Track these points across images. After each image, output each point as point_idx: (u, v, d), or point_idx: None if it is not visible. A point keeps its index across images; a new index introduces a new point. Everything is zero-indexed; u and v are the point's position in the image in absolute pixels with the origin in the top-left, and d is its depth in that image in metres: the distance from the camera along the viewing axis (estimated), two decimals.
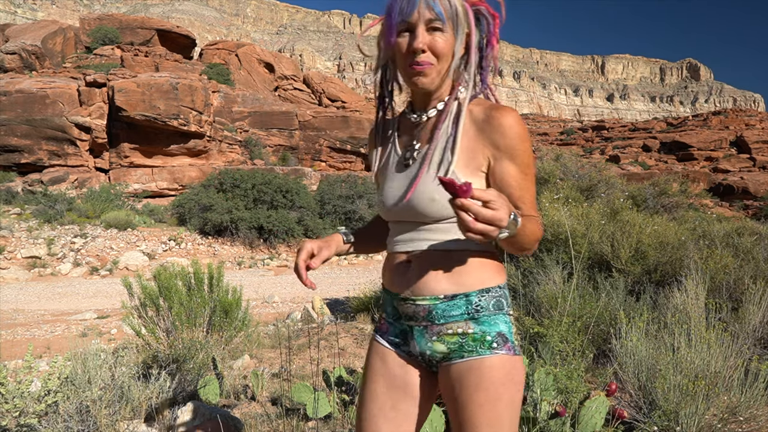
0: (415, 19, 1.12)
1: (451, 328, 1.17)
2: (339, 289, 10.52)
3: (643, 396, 2.54)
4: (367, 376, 1.30)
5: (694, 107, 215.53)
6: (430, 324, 1.19)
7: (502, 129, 1.14)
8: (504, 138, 1.14)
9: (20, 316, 8.79)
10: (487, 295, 1.17)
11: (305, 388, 2.68)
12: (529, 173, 1.17)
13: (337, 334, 4.90)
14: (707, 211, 24.06)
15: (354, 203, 20.50)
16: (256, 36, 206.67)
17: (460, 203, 0.92)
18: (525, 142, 1.15)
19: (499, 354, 1.15)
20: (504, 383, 1.14)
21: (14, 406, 2.48)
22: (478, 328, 1.16)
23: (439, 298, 1.18)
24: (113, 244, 15.34)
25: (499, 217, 0.94)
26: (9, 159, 23.12)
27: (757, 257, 4.13)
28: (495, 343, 1.15)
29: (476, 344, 1.15)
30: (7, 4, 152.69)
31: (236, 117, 30.18)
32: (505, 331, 1.17)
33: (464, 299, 1.16)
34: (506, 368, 1.15)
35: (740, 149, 60.05)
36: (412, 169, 1.22)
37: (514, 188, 1.15)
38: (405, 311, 1.23)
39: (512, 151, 1.15)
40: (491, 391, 1.13)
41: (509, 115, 1.15)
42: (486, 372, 1.14)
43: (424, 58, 1.13)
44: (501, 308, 1.19)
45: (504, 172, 1.15)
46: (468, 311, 1.16)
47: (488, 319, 1.17)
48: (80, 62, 31.83)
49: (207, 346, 3.66)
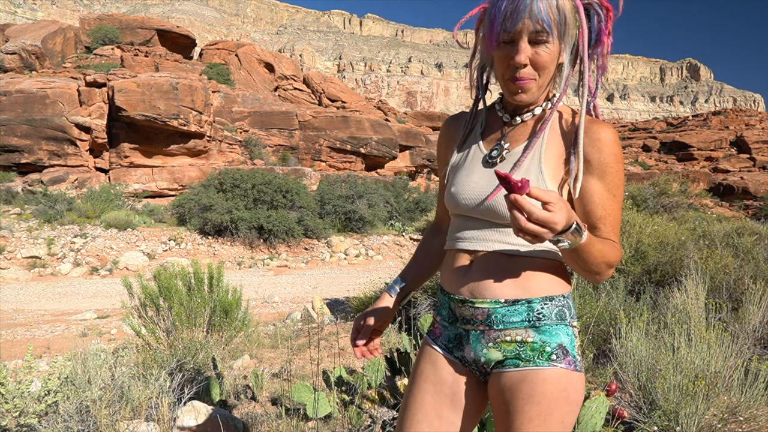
0: (519, 30, 1.04)
1: (509, 334, 1.12)
2: (339, 289, 10.52)
3: (643, 396, 2.54)
4: (414, 380, 1.25)
5: (694, 107, 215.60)
6: (488, 329, 1.14)
7: (598, 143, 1.09)
8: (599, 153, 1.09)
9: (20, 316, 8.79)
10: (551, 304, 1.12)
11: (305, 388, 2.68)
12: (617, 195, 1.11)
13: (337, 334, 4.90)
14: (707, 211, 24.07)
15: (354, 203, 20.49)
16: (256, 36, 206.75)
17: (513, 199, 0.88)
18: (619, 162, 1.09)
19: (558, 367, 1.09)
20: (558, 400, 1.08)
21: (14, 406, 2.48)
22: (538, 337, 1.11)
23: (499, 302, 1.12)
24: (113, 244, 15.34)
25: (554, 220, 0.89)
26: (9, 159, 23.11)
27: (757, 257, 4.13)
28: (554, 354, 1.10)
29: (534, 354, 1.10)
30: (7, 4, 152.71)
31: (236, 117, 30.17)
32: (566, 343, 1.11)
33: (526, 305, 1.11)
34: (562, 384, 1.09)
35: (740, 149, 60.07)
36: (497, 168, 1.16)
37: (596, 206, 1.10)
38: (462, 314, 1.18)
39: (605, 167, 1.09)
40: (543, 406, 1.07)
41: (608, 131, 1.09)
42: (540, 384, 1.08)
43: (524, 74, 1.07)
44: (564, 318, 1.13)
45: (590, 188, 1.10)
46: (529, 318, 1.11)
47: (549, 328, 1.11)
48: (80, 62, 31.83)
49: (207, 346, 3.66)
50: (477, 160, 1.21)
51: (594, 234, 1.10)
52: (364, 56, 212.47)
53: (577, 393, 1.11)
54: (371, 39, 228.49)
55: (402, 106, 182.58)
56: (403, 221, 22.28)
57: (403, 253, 18.21)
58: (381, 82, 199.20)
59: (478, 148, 1.22)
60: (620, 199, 1.12)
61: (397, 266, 7.90)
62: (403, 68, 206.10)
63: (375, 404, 2.84)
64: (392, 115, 41.62)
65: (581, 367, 1.13)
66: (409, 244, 19.53)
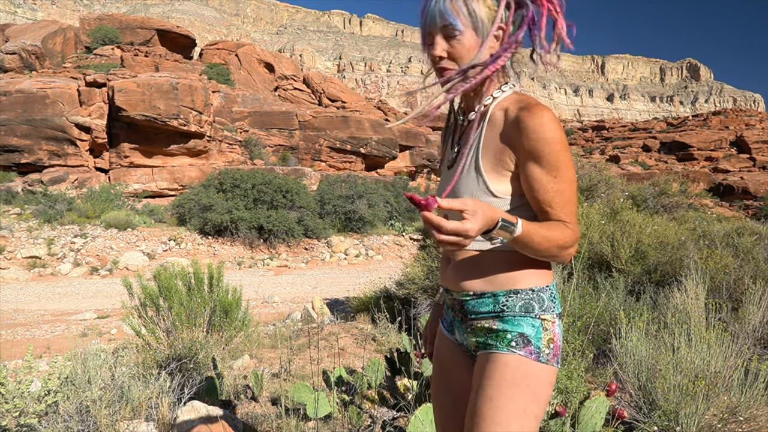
0: (432, 30, 1.18)
1: (480, 323, 1.22)
2: (339, 289, 10.51)
3: (643, 396, 2.54)
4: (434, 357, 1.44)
5: (694, 107, 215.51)
6: (464, 317, 1.26)
7: (526, 131, 1.12)
8: (528, 140, 1.11)
9: (20, 316, 8.78)
10: (515, 297, 1.18)
11: (305, 388, 2.68)
12: (558, 176, 1.13)
13: (337, 334, 4.90)
14: (707, 211, 24.07)
15: (354, 203, 20.49)
16: (256, 36, 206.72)
17: (423, 217, 0.97)
18: (552, 144, 1.11)
19: (516, 354, 1.15)
20: (516, 385, 1.13)
21: (14, 406, 2.48)
22: (501, 326, 1.18)
23: (469, 294, 1.23)
24: (113, 244, 15.34)
25: (465, 229, 0.97)
26: (9, 159, 23.11)
27: (757, 257, 4.13)
28: (514, 342, 1.16)
29: (497, 341, 1.18)
30: (7, 4, 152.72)
31: (236, 117, 30.17)
32: (529, 333, 1.16)
33: (492, 298, 1.20)
34: (521, 370, 1.14)
35: (740, 149, 60.07)
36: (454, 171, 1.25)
37: (539, 191, 1.13)
38: (450, 304, 1.32)
39: (537, 153, 1.12)
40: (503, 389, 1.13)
41: (536, 115, 1.11)
42: (499, 367, 1.16)
43: (443, 65, 1.18)
44: (530, 311, 1.18)
45: (528, 175, 1.14)
46: (495, 309, 1.19)
47: (513, 319, 1.18)
48: (80, 62, 31.82)
49: (207, 346, 3.66)
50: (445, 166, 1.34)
51: (545, 218, 1.14)
52: (364, 56, 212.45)
53: (539, 383, 1.15)
54: (371, 39, 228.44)
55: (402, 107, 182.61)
56: (403, 221, 22.28)
57: (403, 253, 18.20)
58: (381, 82, 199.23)
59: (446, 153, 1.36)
60: (566, 179, 1.14)
61: (397, 266, 7.90)
62: (403, 68, 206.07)
63: (375, 404, 2.84)
64: (392, 115, 41.60)
65: (550, 360, 1.17)
66: (409, 244, 19.52)
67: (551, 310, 1.20)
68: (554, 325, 1.19)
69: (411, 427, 2.06)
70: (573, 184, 1.15)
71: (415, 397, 2.76)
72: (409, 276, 5.25)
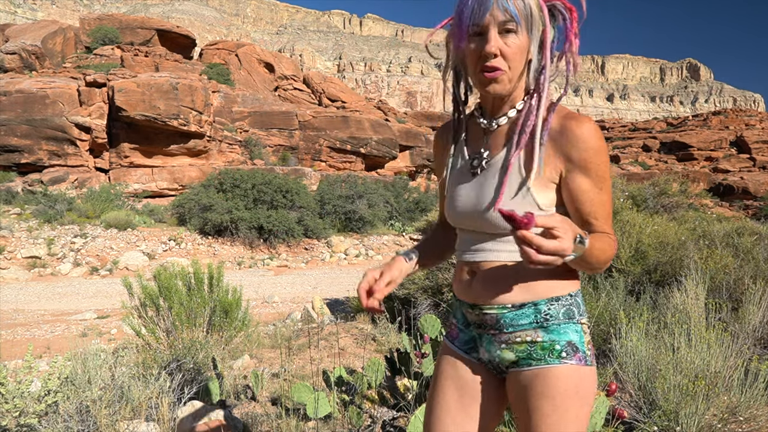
0: (488, 21, 1.06)
1: (519, 336, 1.15)
2: (339, 289, 10.51)
3: (643, 396, 2.54)
4: (437, 381, 1.29)
5: (694, 107, 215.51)
6: (499, 332, 1.18)
7: (576, 141, 1.09)
8: (578, 150, 1.09)
9: (20, 316, 8.78)
10: (557, 304, 1.14)
11: (305, 388, 2.68)
12: (603, 187, 1.11)
13: (337, 334, 4.90)
14: (707, 211, 24.07)
15: (354, 203, 20.49)
16: (256, 36, 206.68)
17: (521, 236, 0.90)
18: (600, 155, 1.10)
19: (568, 364, 1.12)
20: (571, 396, 1.11)
21: (14, 406, 2.48)
22: (547, 337, 1.14)
23: (507, 307, 1.16)
24: (113, 244, 15.34)
25: (563, 248, 0.92)
26: (9, 159, 23.11)
27: (757, 257, 4.13)
28: (564, 352, 1.13)
29: (545, 353, 1.13)
30: (7, 4, 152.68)
31: (236, 117, 30.17)
32: (575, 340, 1.14)
33: (533, 308, 1.14)
34: (573, 380, 1.12)
35: (740, 149, 60.07)
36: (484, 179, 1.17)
37: (585, 203, 1.11)
38: (473, 319, 1.22)
39: (586, 164, 1.10)
40: (558, 402, 1.10)
41: (585, 125, 1.09)
42: (552, 381, 1.11)
43: (495, 63, 1.08)
44: (572, 317, 1.15)
45: (576, 187, 1.11)
46: (537, 320, 1.14)
47: (558, 327, 1.14)
48: (80, 62, 31.82)
49: (207, 346, 3.66)
50: (464, 171, 1.22)
51: (587, 229, 1.12)
52: (364, 56, 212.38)
53: (587, 387, 1.13)
54: (371, 39, 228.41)
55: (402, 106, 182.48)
56: (403, 221, 22.28)
57: None
58: (381, 82, 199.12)
59: (463, 158, 1.24)
60: (608, 189, 1.13)
61: None
62: (403, 68, 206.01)
63: (375, 404, 2.84)
64: (392, 115, 41.60)
65: (592, 361, 1.16)
66: (409, 244, 19.52)
67: (585, 312, 1.19)
68: (587, 327, 1.19)
69: (411, 427, 2.06)
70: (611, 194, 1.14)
71: (415, 397, 2.76)
72: (409, 276, 5.24)
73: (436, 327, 3.01)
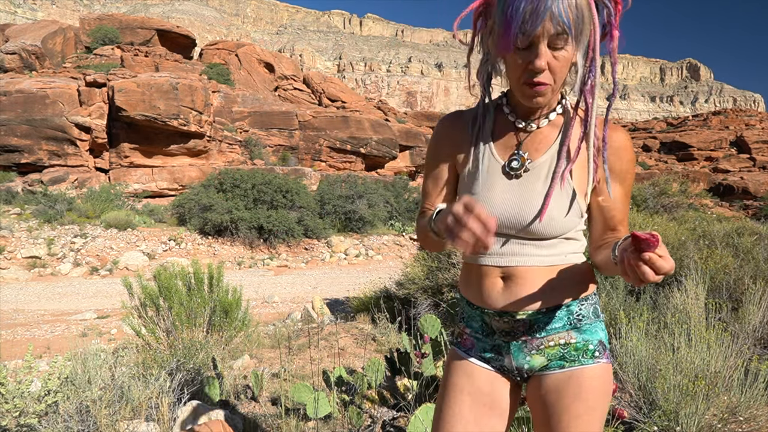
0: (539, 33, 0.97)
1: (552, 339, 1.15)
2: (339, 289, 10.52)
3: (643, 396, 2.54)
4: (448, 393, 1.22)
5: (694, 107, 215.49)
6: (530, 338, 1.16)
7: (618, 153, 1.12)
8: (620, 162, 1.12)
9: (20, 316, 8.78)
10: (586, 303, 1.16)
11: (305, 388, 2.68)
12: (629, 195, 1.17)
13: (337, 334, 4.90)
14: (707, 211, 24.07)
15: (354, 203, 20.49)
16: (256, 36, 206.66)
17: (648, 258, 0.88)
18: (634, 165, 1.15)
19: (601, 363, 1.14)
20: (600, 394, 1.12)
21: (14, 406, 2.48)
22: (580, 337, 1.14)
23: (541, 311, 1.13)
24: (113, 244, 15.34)
25: (671, 267, 0.89)
26: (9, 159, 23.11)
27: (757, 257, 4.13)
28: (597, 351, 1.14)
29: (578, 353, 1.13)
30: (7, 4, 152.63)
31: (236, 117, 30.17)
32: (604, 338, 1.17)
33: (566, 310, 1.15)
34: (604, 377, 1.14)
35: (740, 149, 60.07)
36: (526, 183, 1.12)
37: (619, 211, 1.15)
38: (501, 327, 1.17)
39: (625, 174, 1.14)
40: (591, 402, 1.11)
41: (624, 137, 1.13)
42: (587, 382, 1.12)
43: (542, 79, 1.02)
44: (599, 315, 1.18)
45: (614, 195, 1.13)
46: (570, 321, 1.15)
47: (590, 327, 1.16)
48: (80, 62, 31.83)
49: (207, 346, 3.66)
50: (495, 171, 1.15)
51: (613, 236, 1.15)
52: (364, 56, 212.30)
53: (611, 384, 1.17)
54: (371, 39, 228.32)
55: (402, 106, 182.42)
56: (403, 221, 22.27)
57: (403, 253, 18.20)
58: (381, 82, 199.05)
59: (492, 156, 1.16)
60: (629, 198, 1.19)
61: (397, 266, 7.89)
62: (403, 68, 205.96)
63: (375, 404, 2.84)
64: (392, 115, 41.61)
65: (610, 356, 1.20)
66: (409, 244, 19.52)
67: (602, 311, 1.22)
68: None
69: (411, 427, 2.06)
70: None
71: (415, 397, 2.76)
72: (409, 276, 5.25)
73: (436, 327, 3.01)
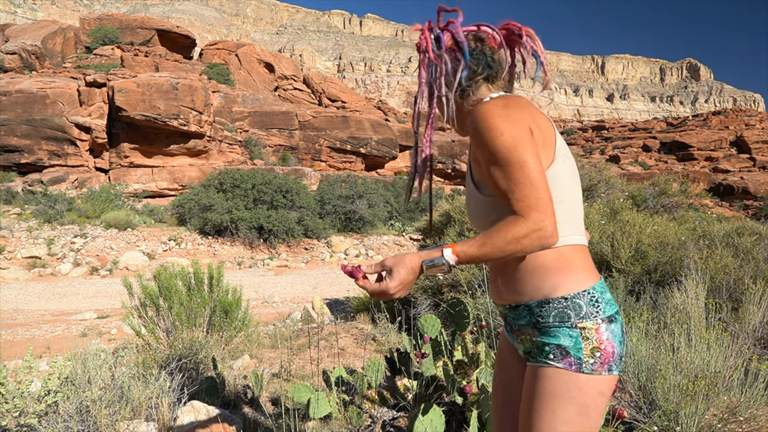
0: None
1: (524, 333, 1.21)
2: (339, 289, 10.51)
3: (643, 396, 2.54)
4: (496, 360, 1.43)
5: (694, 107, 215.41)
6: (512, 328, 1.27)
7: (472, 131, 1.16)
8: (474, 138, 1.16)
9: (20, 316, 8.78)
10: (547, 307, 1.13)
11: (305, 388, 2.68)
12: (504, 165, 1.07)
13: (337, 334, 4.90)
14: (707, 211, 24.06)
15: (354, 203, 20.49)
16: (256, 36, 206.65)
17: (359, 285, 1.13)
18: (490, 133, 1.08)
19: (553, 366, 1.12)
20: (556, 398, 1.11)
21: (14, 406, 2.48)
22: (540, 338, 1.16)
23: (508, 307, 1.24)
24: (113, 244, 15.34)
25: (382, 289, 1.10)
26: (9, 159, 23.11)
27: (757, 257, 4.12)
28: (552, 354, 1.13)
29: (538, 353, 1.17)
30: (7, 4, 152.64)
31: (236, 117, 30.17)
32: (567, 345, 1.11)
33: (526, 309, 1.18)
34: (561, 383, 1.11)
35: (740, 149, 60.03)
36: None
37: (495, 186, 1.11)
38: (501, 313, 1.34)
39: (483, 148, 1.12)
40: (544, 402, 1.13)
41: (474, 114, 1.15)
42: (540, 381, 1.15)
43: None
44: (564, 320, 1.12)
45: (486, 173, 1.15)
46: (531, 321, 1.17)
47: (549, 330, 1.14)
48: (80, 62, 31.83)
49: (207, 346, 3.65)
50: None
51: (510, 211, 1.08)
52: (364, 56, 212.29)
53: (585, 395, 1.10)
54: (371, 39, 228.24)
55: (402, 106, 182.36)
56: (403, 221, 22.27)
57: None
58: (381, 82, 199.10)
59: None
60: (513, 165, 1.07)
61: None
62: (403, 68, 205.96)
63: (375, 404, 2.84)
64: (392, 115, 41.60)
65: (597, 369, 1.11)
66: (409, 244, 19.51)
67: (593, 316, 1.11)
68: (598, 331, 1.11)
69: (415, 427, 2.06)
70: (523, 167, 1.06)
71: (415, 397, 2.76)
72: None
73: (436, 327, 3.01)
